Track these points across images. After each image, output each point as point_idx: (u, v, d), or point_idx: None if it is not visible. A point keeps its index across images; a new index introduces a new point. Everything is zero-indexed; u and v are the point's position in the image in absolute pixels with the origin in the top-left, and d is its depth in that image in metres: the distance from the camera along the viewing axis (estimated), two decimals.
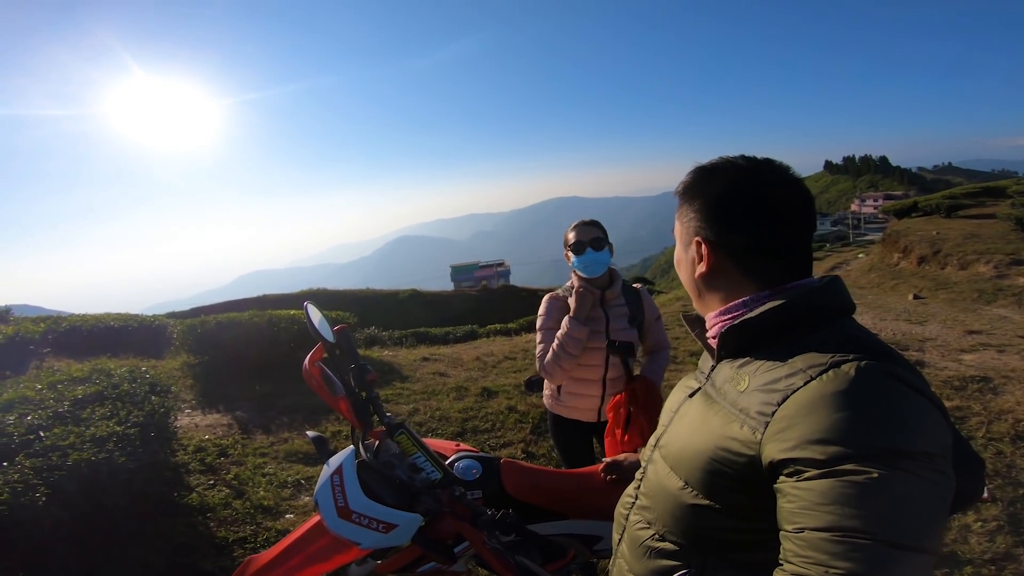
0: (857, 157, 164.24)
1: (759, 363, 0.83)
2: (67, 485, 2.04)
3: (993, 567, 2.48)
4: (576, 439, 2.38)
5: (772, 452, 0.74)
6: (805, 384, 0.74)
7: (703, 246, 0.93)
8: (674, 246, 1.05)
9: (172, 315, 12.57)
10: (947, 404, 4.25)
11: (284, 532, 2.78)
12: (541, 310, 2.31)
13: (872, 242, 26.57)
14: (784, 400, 0.75)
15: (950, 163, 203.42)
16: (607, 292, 2.26)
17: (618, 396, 2.18)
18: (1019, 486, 3.06)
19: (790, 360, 0.79)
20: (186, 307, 21.76)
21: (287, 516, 2.99)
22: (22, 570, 1.79)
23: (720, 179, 0.93)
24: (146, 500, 2.63)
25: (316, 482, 1.61)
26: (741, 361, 0.88)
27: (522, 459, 3.81)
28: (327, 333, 1.68)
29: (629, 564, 0.99)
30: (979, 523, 2.77)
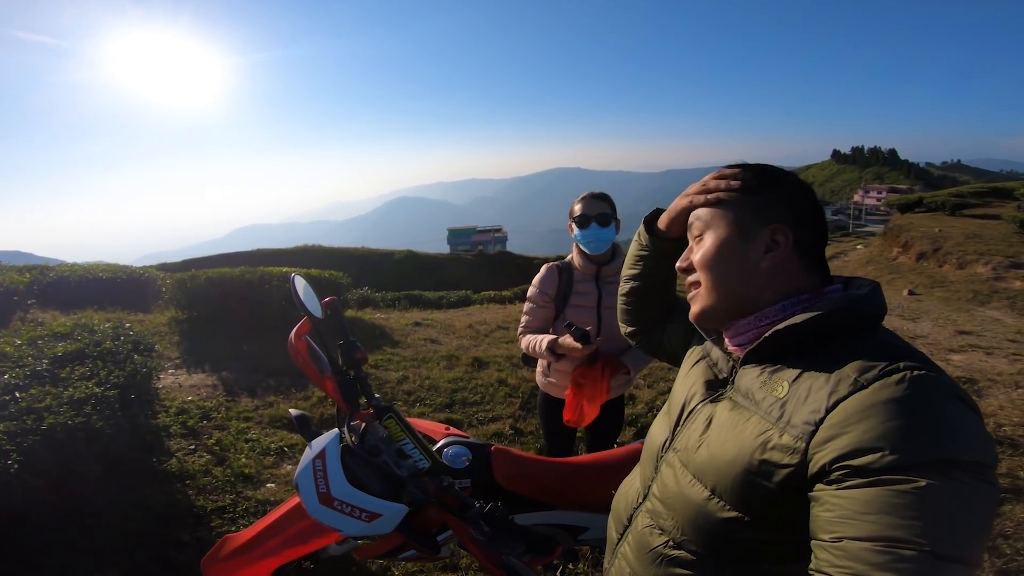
0: (866, 148, 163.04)
1: (797, 368, 0.81)
2: (42, 451, 1.99)
3: None
4: (562, 420, 2.36)
5: (818, 460, 0.72)
6: (856, 391, 0.72)
7: (785, 231, 0.89)
8: None
9: (164, 267, 12.50)
10: None
11: (264, 502, 2.78)
12: (535, 280, 2.26)
13: (872, 234, 26.54)
14: (833, 407, 0.73)
15: (959, 160, 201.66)
16: (604, 268, 2.20)
17: (575, 371, 2.13)
18: None
19: (836, 367, 0.77)
20: (178, 259, 21.60)
21: (268, 485, 2.96)
22: None
23: (788, 177, 0.94)
24: (124, 466, 2.58)
25: (299, 454, 1.57)
26: (772, 367, 0.85)
27: (510, 435, 3.82)
28: (314, 308, 1.62)
29: (633, 568, 0.97)
30: None
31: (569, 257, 2.29)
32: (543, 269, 2.27)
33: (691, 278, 0.97)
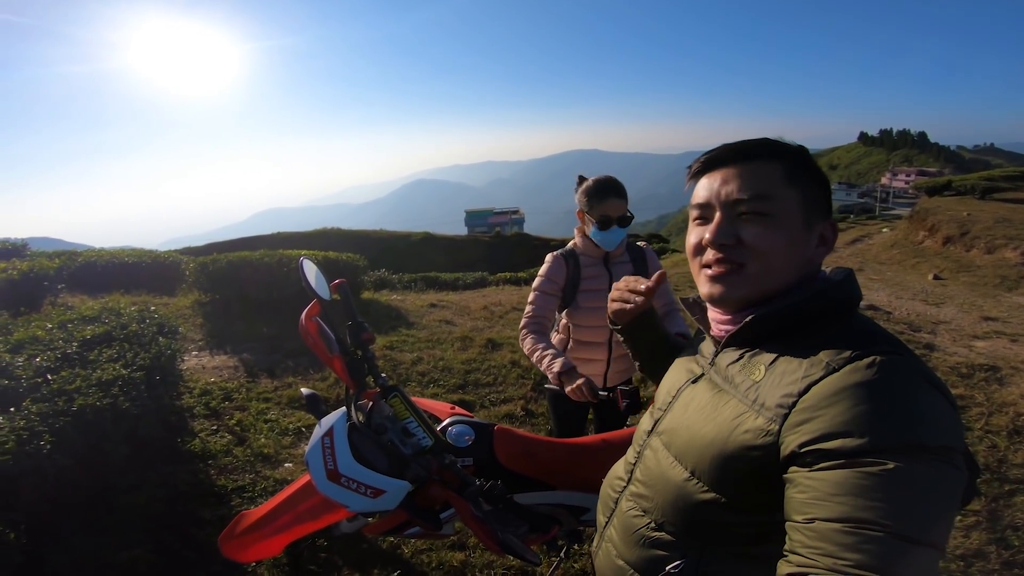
0: (895, 130, 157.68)
1: (774, 352, 0.83)
2: (72, 432, 2.06)
3: (962, 563, 2.49)
4: (574, 409, 2.33)
5: (790, 443, 0.73)
6: (828, 375, 0.74)
7: (836, 232, 0.90)
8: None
9: (187, 250, 12.73)
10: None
11: (282, 481, 2.86)
12: (542, 269, 2.23)
13: (899, 217, 25.82)
14: (806, 391, 0.74)
15: (992, 144, 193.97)
16: (611, 252, 2.19)
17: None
18: (1006, 482, 3.05)
19: (811, 351, 0.78)
20: (202, 243, 22.00)
21: (286, 465, 3.05)
22: (25, 521, 1.80)
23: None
24: (149, 446, 2.67)
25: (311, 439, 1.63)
26: (751, 350, 0.87)
27: (521, 416, 3.85)
28: (323, 291, 1.66)
29: (619, 551, 0.99)
30: (958, 517, 2.78)
31: (571, 244, 2.25)
32: (549, 259, 2.23)
33: (724, 256, 0.87)
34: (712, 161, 0.91)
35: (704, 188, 0.91)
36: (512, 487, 1.66)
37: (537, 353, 2.06)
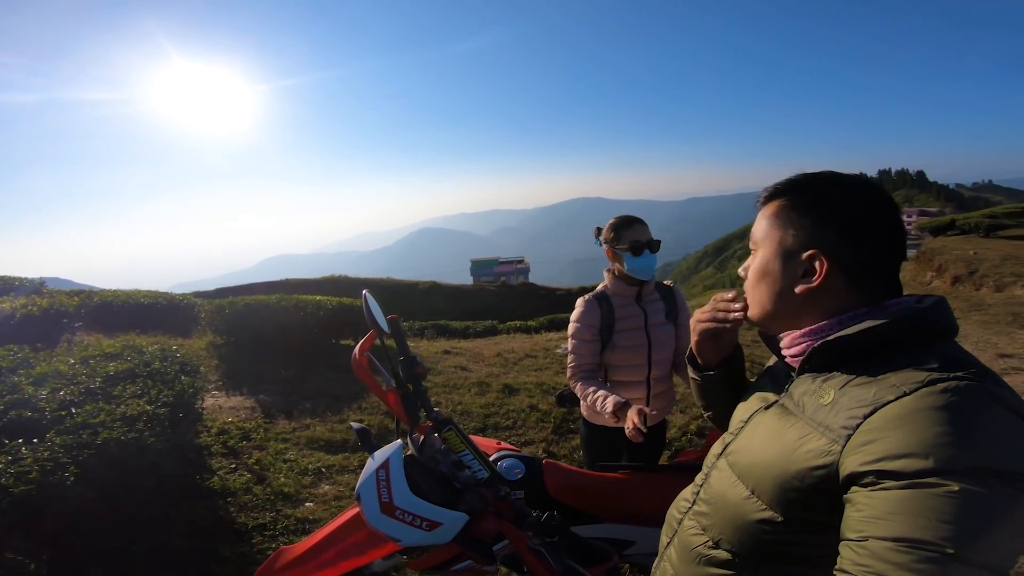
0: (893, 170, 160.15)
1: (846, 377, 0.81)
2: (95, 464, 2.04)
3: None
4: (612, 448, 2.29)
5: (851, 464, 0.71)
6: (897, 399, 0.71)
7: (822, 260, 0.86)
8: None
9: (198, 295, 12.85)
10: None
11: (304, 520, 2.80)
12: (575, 315, 2.20)
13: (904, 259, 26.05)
14: (872, 413, 0.72)
15: (990, 180, 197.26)
16: (644, 287, 2.20)
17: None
18: None
19: (883, 376, 0.76)
20: (211, 287, 22.26)
21: (307, 504, 3.00)
22: (46, 552, 1.79)
23: (847, 191, 0.88)
24: (170, 482, 2.64)
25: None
26: (825, 375, 0.85)
27: (543, 458, 3.79)
28: (383, 323, 1.69)
29: (676, 569, 0.99)
30: None
31: (601, 286, 2.25)
32: (580, 304, 2.21)
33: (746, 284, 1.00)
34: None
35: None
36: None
37: (589, 396, 2.08)
